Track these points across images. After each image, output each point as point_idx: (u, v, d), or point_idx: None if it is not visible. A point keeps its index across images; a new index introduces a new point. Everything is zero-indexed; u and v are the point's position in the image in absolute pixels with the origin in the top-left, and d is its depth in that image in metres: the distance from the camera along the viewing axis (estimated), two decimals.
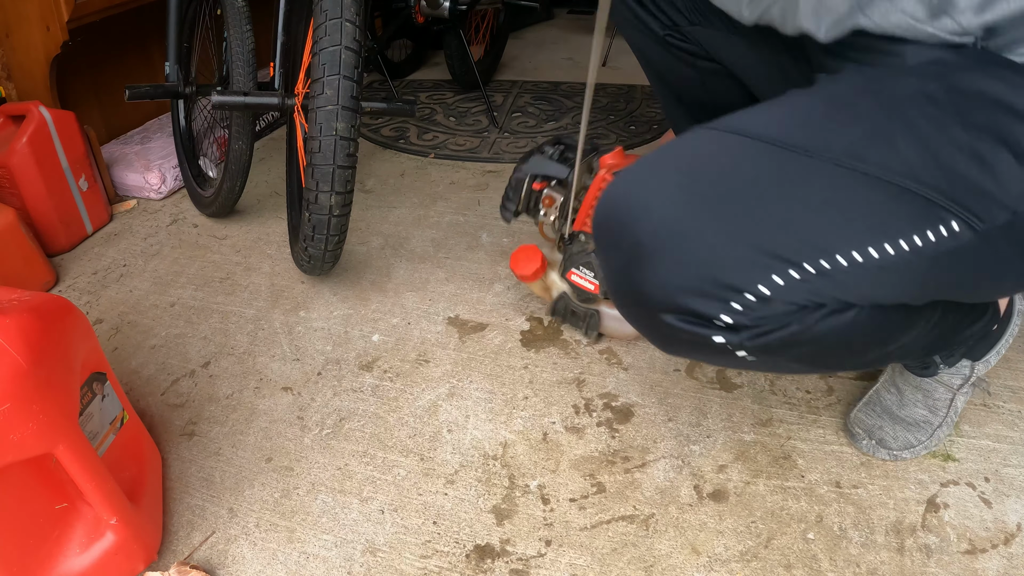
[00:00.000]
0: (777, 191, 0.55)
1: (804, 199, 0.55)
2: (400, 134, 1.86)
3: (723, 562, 0.73)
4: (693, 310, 0.55)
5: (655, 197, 0.57)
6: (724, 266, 0.54)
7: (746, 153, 0.58)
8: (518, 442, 0.89)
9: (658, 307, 0.57)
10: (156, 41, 1.82)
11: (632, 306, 0.61)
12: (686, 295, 0.55)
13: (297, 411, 0.96)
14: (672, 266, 0.55)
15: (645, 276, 0.57)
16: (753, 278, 0.53)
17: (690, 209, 0.56)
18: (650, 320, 0.59)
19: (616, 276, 0.61)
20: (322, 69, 0.95)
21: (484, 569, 0.74)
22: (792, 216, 0.54)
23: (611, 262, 0.61)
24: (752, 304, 0.54)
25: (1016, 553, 0.72)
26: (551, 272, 1.03)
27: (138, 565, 0.73)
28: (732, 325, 0.55)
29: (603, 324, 1.01)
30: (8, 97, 1.43)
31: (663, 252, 0.55)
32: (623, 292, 0.61)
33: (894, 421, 0.84)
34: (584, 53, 2.49)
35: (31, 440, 0.60)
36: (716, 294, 0.54)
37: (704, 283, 0.54)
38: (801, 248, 0.53)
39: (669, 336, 0.60)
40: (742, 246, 0.54)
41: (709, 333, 0.56)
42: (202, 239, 1.40)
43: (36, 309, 0.65)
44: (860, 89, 0.62)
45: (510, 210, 1.02)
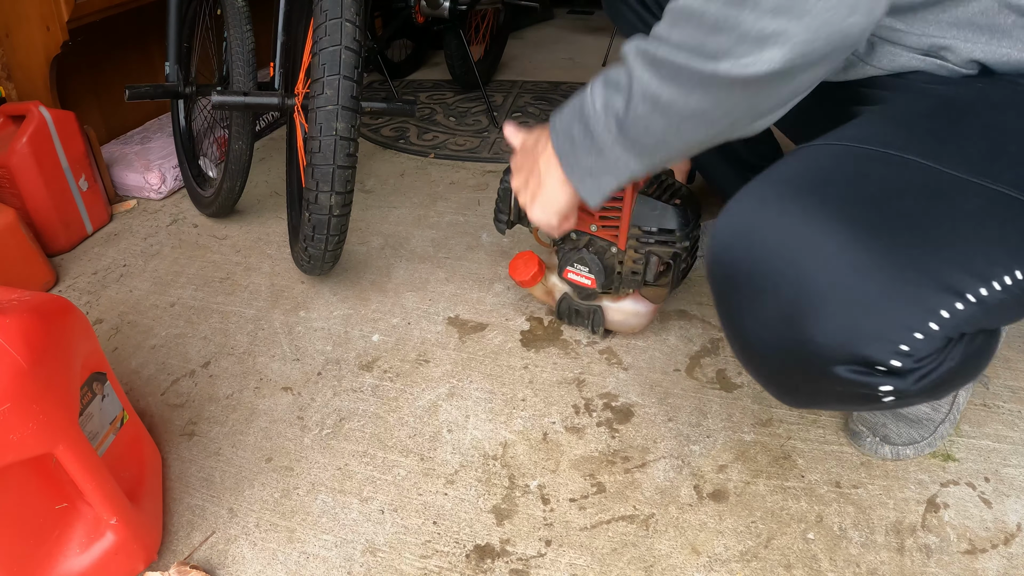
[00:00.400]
0: (935, 212, 0.51)
1: (959, 220, 0.51)
2: (400, 134, 1.86)
3: (723, 562, 0.73)
4: (868, 358, 0.50)
5: (813, 229, 0.51)
6: (904, 303, 0.49)
7: (889, 167, 0.53)
8: (518, 442, 0.89)
9: (831, 359, 0.51)
10: (156, 41, 1.82)
11: (790, 361, 0.54)
12: (866, 341, 0.50)
13: (297, 411, 0.96)
14: (852, 310, 0.49)
15: (817, 325, 0.50)
16: (927, 314, 0.50)
17: (858, 242, 0.50)
18: (814, 375, 0.53)
19: (765, 329, 0.54)
20: (322, 69, 0.95)
21: (484, 569, 0.74)
22: (954, 240, 0.50)
23: (753, 313, 0.55)
24: (919, 344, 0.50)
25: (1016, 553, 0.72)
26: (551, 276, 1.04)
27: (138, 565, 0.73)
28: (899, 370, 0.51)
29: (607, 319, 1.02)
30: (8, 97, 1.43)
31: (839, 296, 0.50)
32: (778, 346, 0.54)
33: (897, 418, 0.84)
34: (584, 53, 2.50)
35: (31, 440, 0.60)
36: (893, 336, 0.50)
37: (885, 326, 0.49)
38: (966, 277, 0.50)
39: (827, 391, 0.54)
40: (918, 279, 0.49)
41: (877, 382, 0.52)
42: (202, 239, 1.40)
43: (36, 309, 0.65)
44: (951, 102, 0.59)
45: (503, 221, 1.02)
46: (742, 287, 0.55)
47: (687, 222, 0.90)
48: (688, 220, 0.90)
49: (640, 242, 0.92)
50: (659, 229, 0.90)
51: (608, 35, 2.52)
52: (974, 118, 0.57)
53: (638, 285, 0.96)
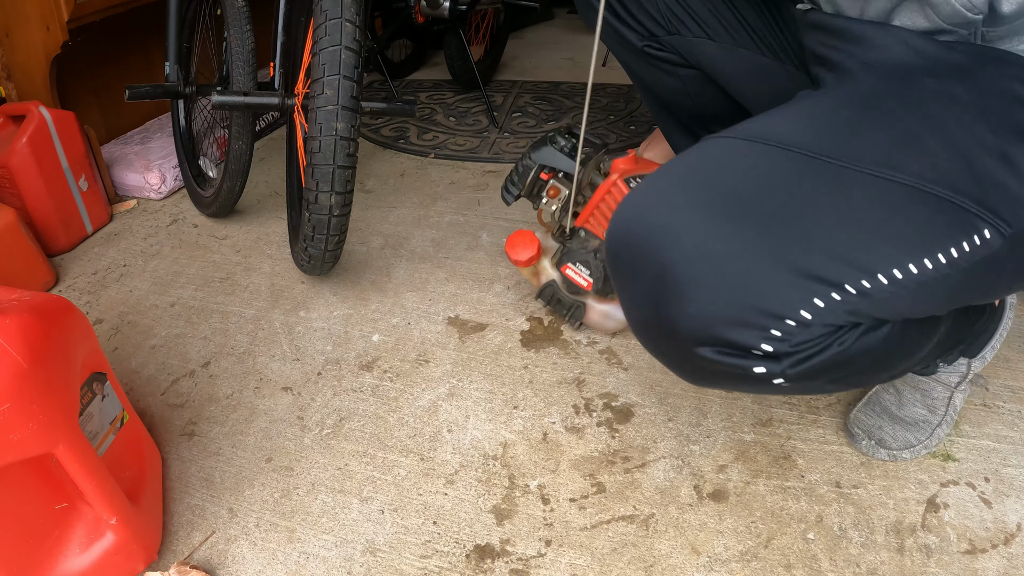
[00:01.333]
0: (815, 205, 0.52)
1: (843, 214, 0.51)
2: (400, 134, 1.86)
3: (723, 562, 0.73)
4: (731, 341, 0.52)
5: (681, 218, 0.53)
6: (765, 292, 0.50)
7: (775, 163, 0.54)
8: (518, 442, 0.89)
9: (692, 340, 0.53)
10: (156, 41, 1.82)
11: (660, 339, 0.57)
12: (725, 326, 0.51)
13: (297, 411, 0.96)
14: (709, 295, 0.51)
15: (677, 308, 0.52)
16: (795, 303, 0.50)
17: (724, 230, 0.51)
18: (682, 354, 0.55)
19: (639, 307, 0.57)
20: (322, 69, 0.95)
21: (484, 569, 0.74)
22: (833, 233, 0.51)
23: (631, 291, 0.57)
24: (792, 330, 0.51)
25: (1016, 553, 0.72)
26: (543, 259, 1.04)
27: (138, 565, 0.73)
28: (772, 353, 0.52)
29: (587, 316, 1.03)
30: (8, 97, 1.43)
31: (698, 281, 0.51)
32: (649, 324, 0.56)
33: (893, 421, 0.84)
34: (584, 53, 2.49)
35: (31, 440, 0.60)
36: (756, 322, 0.51)
37: (744, 311, 0.51)
38: (844, 269, 0.50)
39: (702, 369, 0.56)
40: (783, 269, 0.50)
41: (749, 364, 0.53)
42: (202, 239, 1.40)
43: (36, 309, 0.65)
44: (880, 91, 0.59)
45: (512, 194, 1.03)
46: (622, 267, 0.57)
47: None
48: None
49: None
50: None
51: None
52: (902, 105, 0.57)
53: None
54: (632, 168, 0.96)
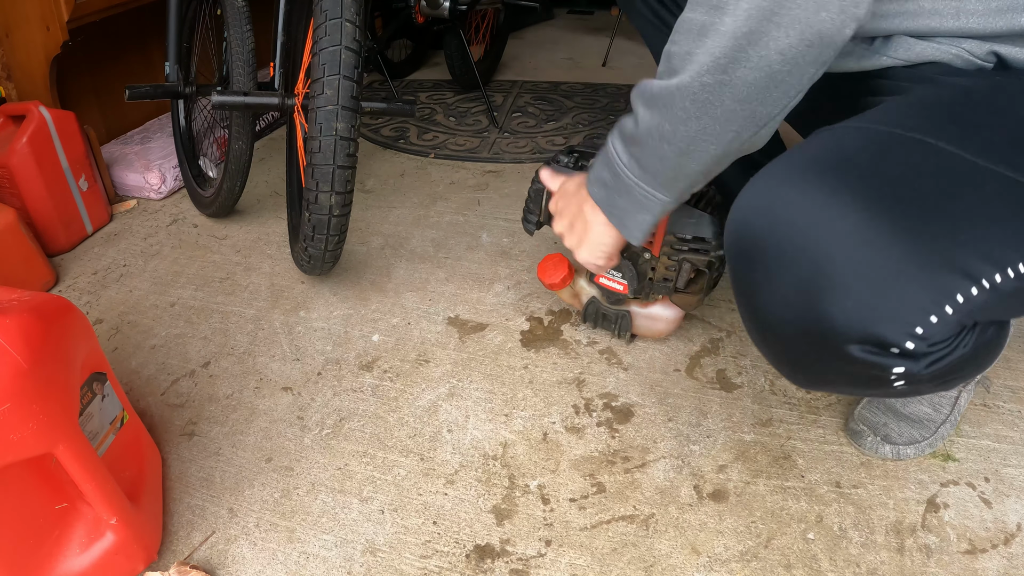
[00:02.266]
0: (956, 196, 0.51)
1: (978, 206, 0.51)
2: (400, 134, 1.86)
3: (723, 562, 0.73)
4: (883, 338, 0.50)
5: (834, 207, 0.51)
6: (921, 285, 0.49)
7: (913, 150, 0.53)
8: (518, 442, 0.89)
9: (847, 337, 0.51)
10: (156, 41, 1.82)
11: (806, 337, 0.54)
12: (883, 321, 0.49)
13: (297, 411, 0.96)
14: (870, 288, 0.49)
15: (835, 302, 0.50)
16: (942, 297, 0.49)
17: (879, 221, 0.50)
18: (828, 352, 0.53)
19: (783, 304, 0.54)
20: (322, 69, 0.95)
21: (484, 569, 0.74)
22: (973, 225, 0.50)
23: (771, 287, 0.54)
24: (933, 327, 0.50)
25: (1016, 553, 0.72)
26: (579, 278, 1.03)
27: (138, 565, 0.73)
28: (912, 352, 0.51)
29: (635, 324, 1.01)
30: (8, 97, 1.43)
31: (859, 274, 0.49)
32: (794, 322, 0.54)
33: (898, 418, 0.84)
34: (584, 53, 2.50)
35: (31, 440, 0.60)
36: (908, 317, 0.49)
37: (902, 306, 0.49)
38: (983, 262, 0.50)
39: (839, 371, 0.54)
40: (936, 262, 0.49)
41: (891, 363, 0.51)
42: (202, 239, 1.40)
43: (36, 309, 0.65)
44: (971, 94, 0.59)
45: (532, 222, 1.03)
46: (760, 263, 0.55)
47: (721, 231, 0.90)
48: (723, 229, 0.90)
49: (674, 249, 0.91)
50: (694, 237, 0.90)
51: (608, 35, 2.52)
52: (994, 108, 0.57)
53: (669, 292, 0.96)
54: None
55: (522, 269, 1.23)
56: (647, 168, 0.68)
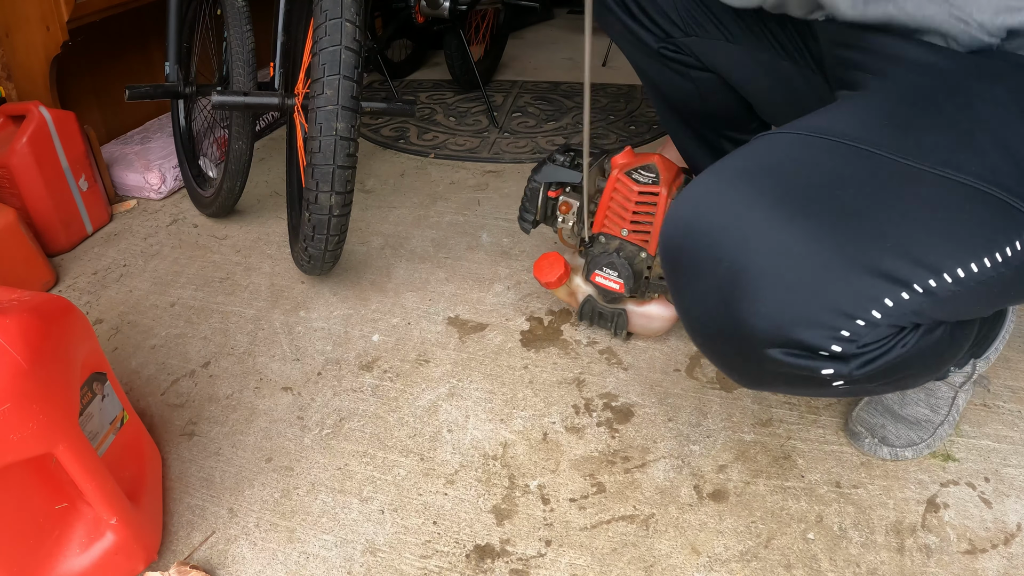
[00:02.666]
0: (885, 202, 0.51)
1: (911, 212, 0.51)
2: (400, 134, 1.86)
3: (723, 562, 0.73)
4: (803, 342, 0.50)
5: (752, 214, 0.51)
6: (839, 291, 0.49)
7: (842, 157, 0.53)
8: (518, 442, 0.89)
9: (764, 341, 0.52)
10: (156, 41, 1.82)
11: (726, 340, 0.55)
12: (798, 326, 0.50)
13: (297, 411, 0.96)
14: (783, 294, 0.50)
15: (749, 307, 0.51)
16: (867, 303, 0.49)
17: (798, 226, 0.50)
18: (749, 355, 0.54)
19: (703, 308, 0.55)
20: (322, 69, 0.95)
21: (484, 569, 0.74)
22: (903, 231, 0.50)
23: (693, 291, 0.55)
24: (861, 330, 0.50)
25: (1016, 553, 0.72)
26: (575, 277, 1.03)
27: (138, 565, 0.73)
28: (840, 354, 0.51)
29: (631, 322, 1.01)
30: (8, 97, 1.43)
31: (772, 279, 0.50)
32: (713, 325, 0.55)
33: (896, 420, 0.84)
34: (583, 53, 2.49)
35: (31, 440, 0.60)
36: (829, 322, 0.50)
37: (818, 311, 0.49)
38: (913, 267, 0.50)
39: (766, 372, 0.55)
40: (857, 268, 0.49)
41: (817, 366, 0.52)
42: (202, 239, 1.40)
43: (36, 309, 0.65)
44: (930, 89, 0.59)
45: (529, 220, 1.03)
46: (685, 268, 0.56)
47: None
48: None
49: None
50: None
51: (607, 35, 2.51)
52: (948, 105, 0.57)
53: (665, 290, 0.96)
54: (630, 161, 0.96)
55: (522, 269, 1.23)
56: None
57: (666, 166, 0.94)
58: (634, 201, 0.93)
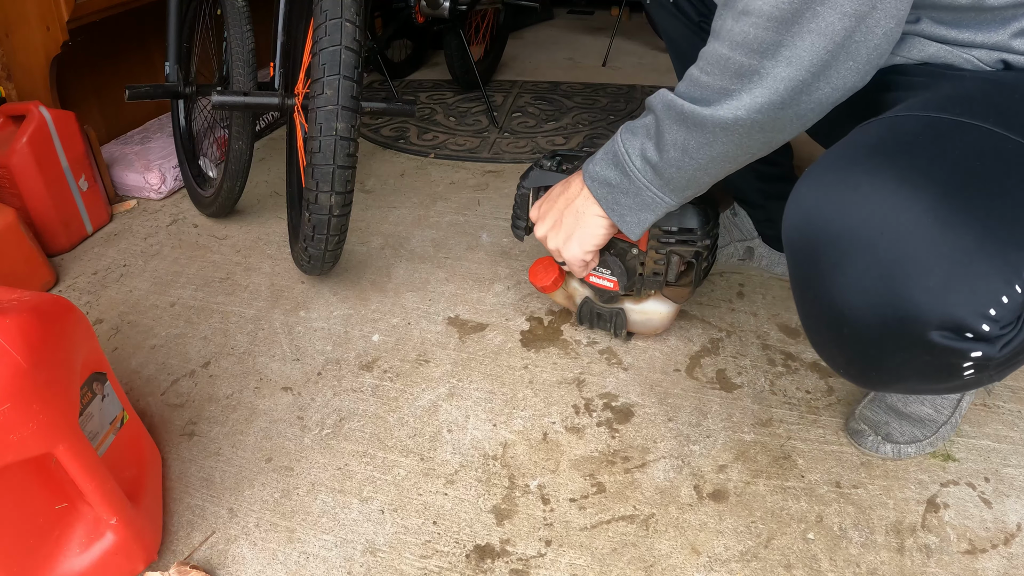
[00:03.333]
0: (1013, 174, 0.52)
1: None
2: (400, 134, 1.86)
3: (723, 562, 0.73)
4: (963, 321, 0.50)
5: (904, 193, 0.51)
6: (992, 265, 0.49)
7: (969, 134, 0.54)
8: (518, 442, 0.89)
9: (928, 322, 0.50)
10: (156, 41, 1.82)
11: (886, 325, 0.53)
12: (962, 303, 0.49)
13: (297, 411, 0.96)
14: (948, 270, 0.49)
15: (918, 286, 0.50)
16: (1013, 276, 0.49)
17: (948, 202, 0.50)
18: (909, 341, 0.52)
19: (858, 292, 0.53)
20: (322, 69, 0.95)
21: (484, 569, 0.74)
22: None
23: (844, 277, 0.54)
24: (1004, 308, 0.50)
25: (1016, 553, 0.72)
26: (571, 280, 1.03)
27: (138, 565, 0.73)
28: (987, 335, 0.50)
29: (630, 320, 1.01)
30: (8, 97, 1.43)
31: (940, 255, 0.49)
32: (872, 310, 0.53)
33: (899, 417, 0.84)
34: (584, 53, 2.50)
35: (31, 440, 0.60)
36: (984, 299, 0.49)
37: (977, 288, 0.49)
38: None
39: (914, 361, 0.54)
40: (1005, 239, 0.49)
41: (969, 348, 0.51)
42: (202, 239, 1.40)
43: (36, 309, 0.65)
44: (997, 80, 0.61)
45: (520, 227, 1.03)
46: (830, 254, 0.54)
47: (707, 220, 0.90)
48: (708, 218, 0.90)
49: (661, 242, 0.92)
50: (680, 228, 0.90)
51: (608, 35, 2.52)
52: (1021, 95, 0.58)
53: (660, 286, 0.96)
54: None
55: (522, 269, 1.23)
56: (662, 174, 0.72)
57: None
58: None
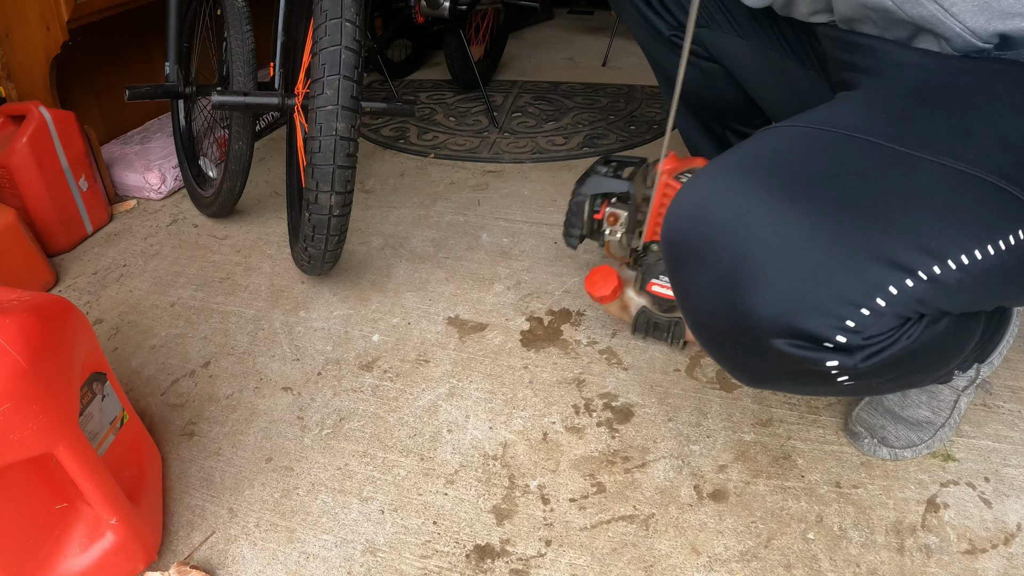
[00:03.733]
0: (887, 190, 0.51)
1: (913, 199, 0.50)
2: (400, 134, 1.86)
3: (723, 562, 0.73)
4: (808, 331, 0.50)
5: (756, 202, 0.51)
6: (845, 277, 0.49)
7: (843, 148, 0.53)
8: (518, 442, 0.89)
9: (769, 331, 0.51)
10: (156, 41, 1.82)
11: (731, 331, 0.54)
12: (804, 313, 0.49)
13: (297, 411, 0.96)
14: (789, 281, 0.49)
15: (756, 295, 0.50)
16: (872, 290, 0.49)
17: (802, 213, 0.50)
18: (754, 346, 0.53)
19: (707, 299, 0.54)
20: (322, 69, 0.95)
21: (484, 569, 0.74)
22: (906, 218, 0.50)
23: (696, 283, 0.55)
24: (866, 320, 0.49)
25: (1016, 553, 0.72)
26: (627, 290, 0.99)
27: (138, 565, 0.73)
28: (845, 346, 0.50)
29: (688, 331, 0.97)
30: (8, 97, 1.43)
31: (777, 265, 0.49)
32: (720, 317, 0.54)
33: (896, 420, 0.84)
34: (584, 53, 2.49)
35: (31, 440, 0.60)
36: (835, 310, 0.49)
37: (824, 299, 0.49)
38: (917, 254, 0.49)
39: (772, 366, 0.54)
40: (862, 254, 0.49)
41: (822, 357, 0.51)
42: (202, 239, 1.40)
43: (36, 309, 0.65)
44: (926, 85, 0.59)
45: (575, 235, 1.00)
46: (688, 259, 0.55)
47: None
48: None
49: None
50: None
51: (608, 35, 2.52)
52: (946, 99, 0.57)
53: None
54: (677, 166, 0.93)
55: (522, 269, 1.23)
56: None
57: None
58: None
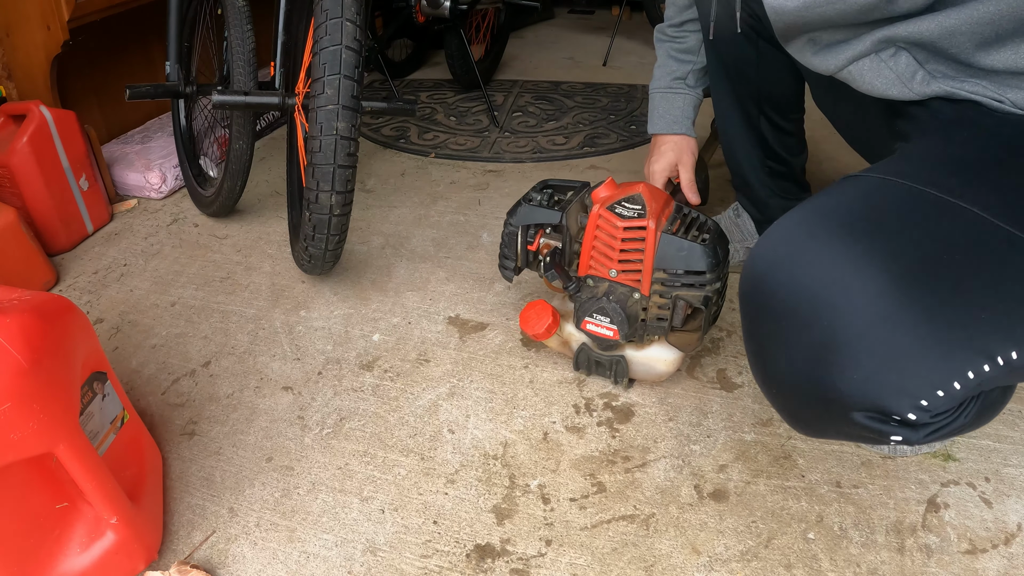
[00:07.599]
0: (980, 267, 0.49)
1: (1006, 279, 0.49)
2: (401, 134, 1.86)
3: (723, 562, 0.73)
4: (888, 409, 0.49)
5: (853, 274, 0.49)
6: (935, 363, 0.48)
7: (941, 212, 0.51)
8: (518, 442, 0.89)
9: (850, 406, 0.50)
10: (156, 41, 1.82)
11: (811, 399, 0.53)
12: (889, 395, 0.48)
13: (297, 411, 0.96)
14: (881, 362, 0.48)
15: (843, 373, 0.49)
16: (953, 374, 0.48)
17: (902, 295, 0.48)
18: (829, 415, 0.52)
19: (787, 362, 0.53)
20: (323, 69, 0.95)
21: (484, 569, 0.74)
22: (999, 302, 0.49)
23: (779, 347, 0.53)
24: (939, 401, 0.49)
25: (1016, 553, 0.72)
26: (566, 325, 0.95)
27: (138, 564, 0.73)
28: (914, 423, 0.50)
29: (632, 369, 0.93)
30: (8, 97, 1.43)
31: (871, 346, 0.48)
32: (799, 381, 0.53)
33: None
34: (584, 52, 2.50)
35: (32, 439, 0.60)
36: (916, 391, 0.48)
37: (911, 381, 0.48)
38: (1004, 341, 0.48)
39: (840, 430, 0.54)
40: (955, 341, 0.48)
41: (889, 431, 0.51)
42: (203, 239, 1.40)
43: (37, 309, 0.65)
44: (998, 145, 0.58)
45: (509, 268, 0.96)
46: (774, 317, 0.54)
47: (717, 262, 0.83)
48: (718, 259, 0.83)
49: (666, 286, 0.85)
50: (686, 271, 0.83)
51: (608, 35, 2.52)
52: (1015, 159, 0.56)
53: (665, 332, 0.88)
54: (613, 194, 0.87)
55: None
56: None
57: (653, 195, 0.86)
58: (620, 238, 0.85)
